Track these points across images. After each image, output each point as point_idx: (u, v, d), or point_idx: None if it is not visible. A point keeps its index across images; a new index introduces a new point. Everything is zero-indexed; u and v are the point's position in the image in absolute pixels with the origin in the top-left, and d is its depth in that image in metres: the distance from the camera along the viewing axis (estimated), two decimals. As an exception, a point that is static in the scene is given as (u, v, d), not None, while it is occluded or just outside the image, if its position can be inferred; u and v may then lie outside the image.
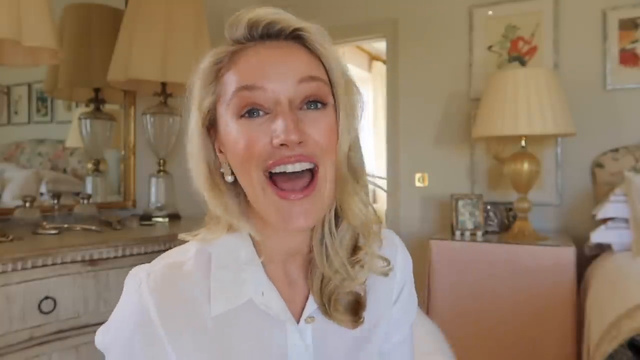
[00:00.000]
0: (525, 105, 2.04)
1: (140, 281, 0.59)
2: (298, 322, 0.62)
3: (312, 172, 0.56)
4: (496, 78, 2.18)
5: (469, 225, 2.34)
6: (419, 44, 2.73)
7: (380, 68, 4.82)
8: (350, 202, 0.59)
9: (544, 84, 2.06)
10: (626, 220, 1.94)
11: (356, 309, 0.63)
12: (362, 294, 0.64)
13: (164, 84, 2.02)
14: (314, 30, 0.58)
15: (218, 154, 0.61)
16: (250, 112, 0.55)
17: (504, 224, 2.45)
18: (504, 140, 2.43)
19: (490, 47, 2.56)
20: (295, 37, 0.58)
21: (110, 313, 0.64)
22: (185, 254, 0.62)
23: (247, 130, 0.55)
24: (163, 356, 0.57)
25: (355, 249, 0.62)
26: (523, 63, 2.49)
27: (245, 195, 0.60)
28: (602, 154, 2.29)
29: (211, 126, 0.60)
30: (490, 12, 2.56)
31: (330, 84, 0.59)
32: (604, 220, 2.04)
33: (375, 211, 0.63)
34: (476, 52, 2.59)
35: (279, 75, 0.55)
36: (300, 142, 0.54)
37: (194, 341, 0.58)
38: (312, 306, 0.63)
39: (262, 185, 0.55)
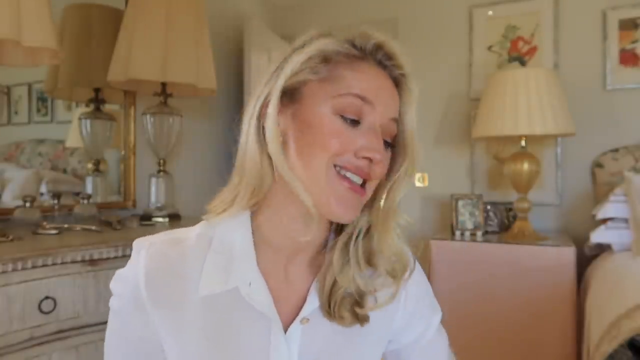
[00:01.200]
0: (525, 105, 2.04)
1: (140, 248, 0.65)
2: (292, 321, 0.63)
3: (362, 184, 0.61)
4: (496, 78, 2.18)
5: (469, 225, 2.34)
6: (419, 44, 2.73)
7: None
8: (388, 235, 0.64)
9: (544, 84, 2.06)
10: (626, 220, 1.94)
11: (361, 307, 0.65)
12: (367, 297, 0.66)
13: (164, 84, 2.02)
14: (412, 77, 0.65)
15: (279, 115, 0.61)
16: (349, 117, 0.59)
17: (504, 224, 2.45)
18: (504, 140, 2.43)
19: (490, 47, 2.56)
20: (394, 76, 0.64)
21: (110, 313, 0.67)
22: (189, 232, 0.66)
23: (340, 128, 0.59)
24: (145, 320, 0.62)
25: (369, 259, 0.66)
26: (523, 63, 2.49)
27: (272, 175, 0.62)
28: (602, 154, 2.29)
29: (285, 94, 0.62)
30: (490, 12, 2.56)
31: (399, 130, 0.64)
32: (604, 220, 2.04)
33: (410, 253, 0.68)
34: (476, 52, 2.59)
35: (386, 104, 0.61)
36: (375, 165, 0.59)
37: (177, 316, 0.61)
38: (311, 306, 0.64)
39: (329, 174, 0.59)
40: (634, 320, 1.16)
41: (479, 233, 2.31)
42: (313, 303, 0.64)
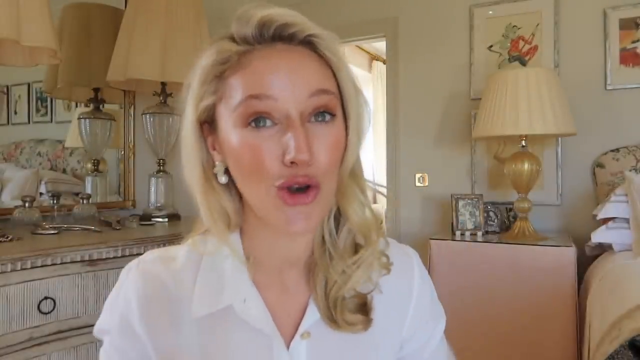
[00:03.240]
0: (525, 105, 2.04)
1: (129, 268, 0.61)
2: (293, 336, 0.60)
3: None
4: (496, 78, 2.18)
5: (469, 225, 2.34)
6: (419, 43, 2.73)
7: (380, 68, 4.81)
8: (350, 207, 0.59)
9: (544, 84, 2.05)
10: (627, 220, 1.94)
11: (365, 310, 0.61)
12: (368, 296, 0.62)
13: (163, 84, 2.01)
14: (327, 37, 0.56)
15: (211, 151, 0.58)
16: (257, 120, 0.52)
17: (504, 224, 2.45)
18: (504, 140, 2.42)
19: (490, 47, 2.56)
20: (307, 42, 0.55)
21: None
22: (178, 251, 0.62)
23: (254, 142, 0.52)
24: (141, 349, 0.58)
25: (356, 249, 0.61)
26: (523, 63, 2.49)
27: (240, 197, 0.59)
28: (603, 154, 2.28)
29: (206, 123, 0.58)
30: (490, 12, 2.56)
31: (341, 95, 0.57)
32: (605, 220, 2.04)
33: (373, 212, 0.61)
34: (476, 52, 2.58)
35: (291, 85, 0.52)
36: (308, 164, 0.52)
37: (172, 339, 0.58)
38: (312, 317, 0.60)
39: (270, 198, 0.53)
40: (635, 321, 1.15)
41: (479, 233, 2.30)
42: (313, 314, 0.60)
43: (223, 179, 0.58)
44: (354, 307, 0.60)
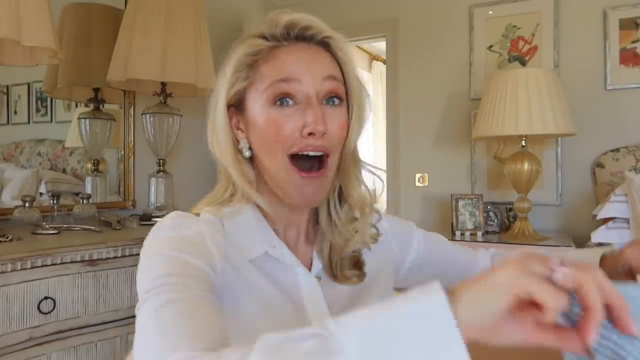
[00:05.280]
0: (525, 105, 2.04)
1: (190, 217, 0.68)
2: None
3: (321, 159, 0.67)
4: (496, 78, 2.18)
5: (469, 225, 2.34)
6: (419, 43, 2.73)
7: (380, 68, 4.81)
8: (350, 184, 0.72)
9: (544, 84, 2.05)
10: (627, 221, 1.94)
11: (359, 266, 0.74)
12: (362, 256, 0.75)
13: (163, 84, 2.01)
14: (339, 38, 0.70)
15: (236, 130, 0.70)
16: (282, 100, 0.65)
17: (504, 224, 2.45)
18: (504, 140, 2.42)
19: (490, 47, 2.56)
20: (323, 42, 0.69)
21: (110, 313, 0.66)
22: (200, 216, 0.70)
23: (278, 117, 0.65)
24: (212, 254, 0.63)
25: (354, 221, 0.74)
26: (523, 63, 2.49)
27: (258, 171, 0.70)
28: (603, 154, 2.29)
29: (233, 106, 0.70)
30: (490, 12, 2.56)
31: (346, 85, 0.69)
32: (605, 220, 2.04)
33: (369, 191, 0.74)
34: (476, 52, 2.58)
35: (310, 71, 0.66)
36: (323, 134, 0.64)
37: (234, 275, 0.65)
38: (317, 267, 0.73)
39: (285, 166, 0.66)
40: (635, 321, 1.15)
41: (479, 233, 2.30)
42: (318, 265, 0.73)
43: (247, 153, 0.70)
44: (350, 264, 0.74)
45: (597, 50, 2.34)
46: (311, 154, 0.65)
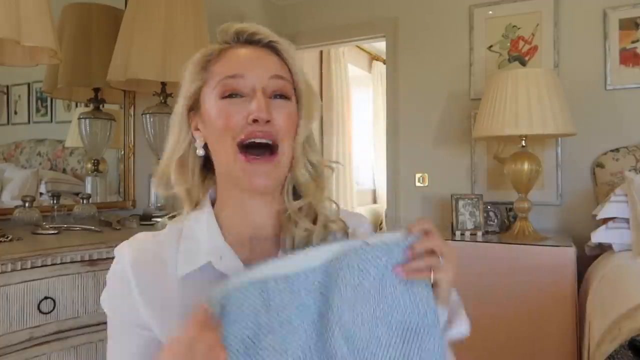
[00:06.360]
0: (525, 105, 2.04)
1: (123, 246, 0.73)
2: None
3: (271, 149, 0.70)
4: (496, 78, 2.18)
5: (469, 225, 2.34)
6: (419, 43, 2.73)
7: (380, 68, 4.81)
8: (298, 171, 0.75)
9: (544, 84, 2.06)
10: (627, 220, 1.94)
11: None
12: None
13: (163, 84, 2.01)
14: (284, 43, 0.75)
15: (194, 131, 0.75)
16: (231, 95, 0.70)
17: (504, 224, 2.45)
18: (504, 140, 2.43)
19: (490, 47, 2.56)
20: (270, 47, 0.75)
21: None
22: (161, 230, 0.77)
23: (227, 108, 0.70)
24: (134, 307, 0.69)
25: (315, 220, 0.75)
26: (523, 63, 2.49)
27: (212, 172, 0.75)
28: (603, 154, 2.29)
29: (192, 110, 0.75)
30: (490, 12, 2.56)
31: (294, 86, 0.74)
32: (605, 220, 2.04)
33: (317, 176, 0.76)
34: (476, 52, 2.59)
35: (256, 69, 0.71)
36: (268, 121, 0.69)
37: (161, 297, 0.69)
38: None
39: (234, 154, 0.69)
40: (635, 321, 1.16)
41: (479, 233, 2.30)
42: None
43: (201, 152, 0.75)
44: None
45: (597, 50, 2.34)
46: (257, 140, 0.69)
